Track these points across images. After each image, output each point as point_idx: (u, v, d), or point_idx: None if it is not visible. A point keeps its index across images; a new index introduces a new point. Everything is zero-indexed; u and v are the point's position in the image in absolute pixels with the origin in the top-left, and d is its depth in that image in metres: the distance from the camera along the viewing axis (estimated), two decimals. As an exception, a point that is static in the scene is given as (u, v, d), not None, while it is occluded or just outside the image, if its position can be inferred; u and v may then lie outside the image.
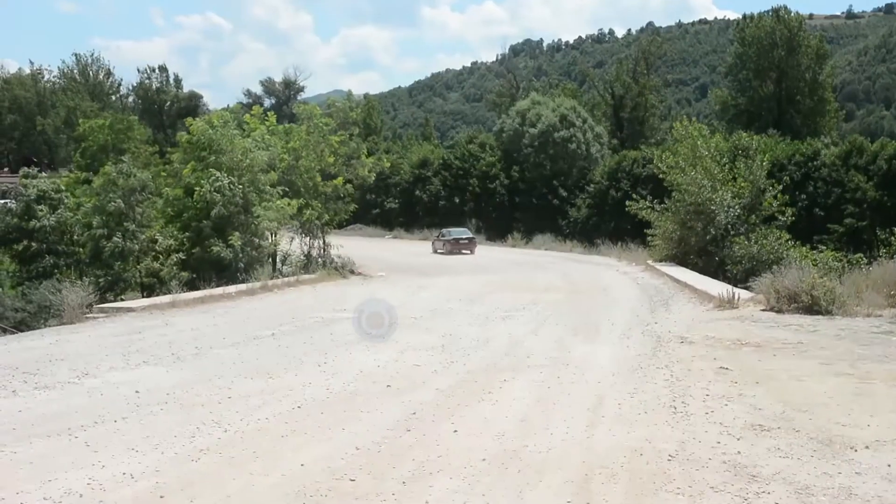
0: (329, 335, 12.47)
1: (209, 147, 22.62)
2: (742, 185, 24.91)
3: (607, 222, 44.79)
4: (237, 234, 21.30)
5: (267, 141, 23.73)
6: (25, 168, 31.31)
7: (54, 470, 5.89)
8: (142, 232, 23.22)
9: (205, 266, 20.93)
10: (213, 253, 21.10)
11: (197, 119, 26.34)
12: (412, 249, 41.31)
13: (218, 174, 21.49)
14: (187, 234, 21.56)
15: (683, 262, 24.98)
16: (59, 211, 25.71)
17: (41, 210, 25.46)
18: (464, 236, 40.07)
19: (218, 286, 19.13)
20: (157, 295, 17.90)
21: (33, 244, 25.27)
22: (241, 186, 21.74)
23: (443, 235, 41.11)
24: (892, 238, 21.90)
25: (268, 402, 8.00)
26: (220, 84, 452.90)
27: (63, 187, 27.56)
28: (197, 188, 21.42)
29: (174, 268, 20.63)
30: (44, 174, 35.11)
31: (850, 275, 18.36)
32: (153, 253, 22.68)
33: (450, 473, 5.72)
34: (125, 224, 23.09)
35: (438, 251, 39.75)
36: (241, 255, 21.45)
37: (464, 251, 38.33)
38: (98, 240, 23.06)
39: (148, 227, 23.68)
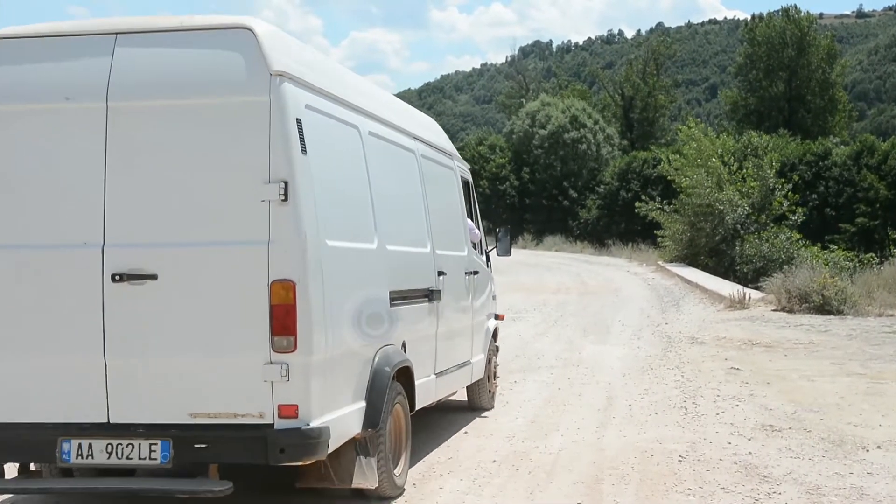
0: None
1: None
2: (751, 184, 24.86)
3: (618, 223, 44.70)
4: None
5: None
6: None
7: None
8: None
9: None
10: None
11: None
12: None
13: None
14: None
15: (694, 262, 24.94)
16: None
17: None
18: None
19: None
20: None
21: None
22: None
23: None
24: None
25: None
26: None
27: None
28: None
29: None
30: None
31: (862, 274, 18.35)
32: None
33: (460, 475, 5.72)
34: None
35: None
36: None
37: None
38: None
39: None
